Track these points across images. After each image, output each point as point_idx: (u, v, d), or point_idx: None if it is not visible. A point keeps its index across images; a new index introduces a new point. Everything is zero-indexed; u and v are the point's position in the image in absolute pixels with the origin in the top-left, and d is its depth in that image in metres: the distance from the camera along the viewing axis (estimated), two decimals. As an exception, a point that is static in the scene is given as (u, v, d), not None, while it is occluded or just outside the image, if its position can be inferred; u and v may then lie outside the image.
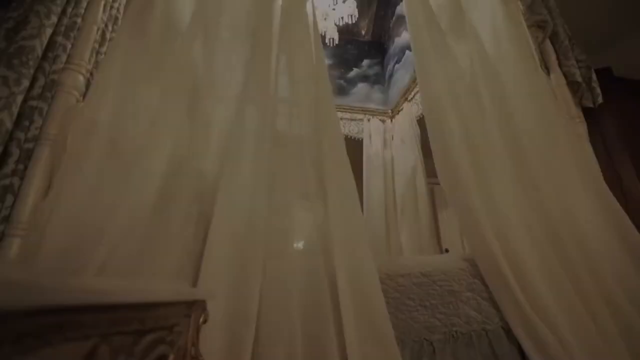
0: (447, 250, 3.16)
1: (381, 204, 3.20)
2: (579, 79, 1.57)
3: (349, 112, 3.67)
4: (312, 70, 1.33)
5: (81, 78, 1.19)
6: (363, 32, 4.21)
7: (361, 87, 3.82)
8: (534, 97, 1.52)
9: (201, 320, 0.68)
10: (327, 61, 3.96)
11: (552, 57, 1.67)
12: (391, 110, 3.58)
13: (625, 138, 2.39)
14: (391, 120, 3.56)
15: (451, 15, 1.69)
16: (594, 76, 1.60)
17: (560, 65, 1.65)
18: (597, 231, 1.23)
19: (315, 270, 0.98)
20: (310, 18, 1.45)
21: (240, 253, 0.96)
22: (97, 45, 1.46)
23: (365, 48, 4.04)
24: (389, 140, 3.49)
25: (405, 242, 3.04)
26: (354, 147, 3.69)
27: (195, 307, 0.66)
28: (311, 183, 1.13)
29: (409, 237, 2.99)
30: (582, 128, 1.53)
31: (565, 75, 1.62)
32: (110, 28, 1.55)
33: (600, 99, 1.56)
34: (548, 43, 1.69)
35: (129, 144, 1.12)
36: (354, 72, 3.89)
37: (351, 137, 3.62)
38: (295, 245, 1.03)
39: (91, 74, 1.33)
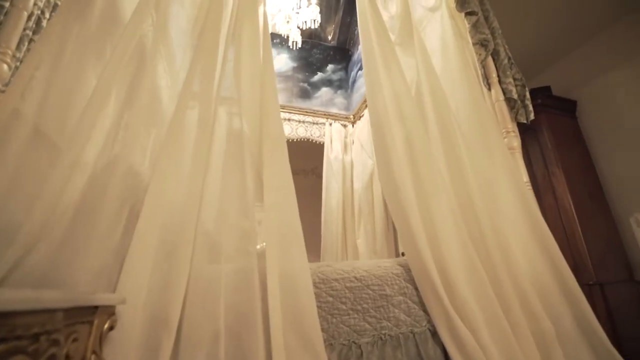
0: (403, 254, 3.26)
1: (339, 207, 3.25)
2: (515, 96, 1.69)
3: (312, 116, 3.70)
4: (259, 71, 1.32)
5: (5, 67, 1.11)
6: (329, 38, 4.25)
7: (325, 91, 3.86)
8: (475, 110, 1.61)
9: (106, 326, 0.65)
10: (292, 64, 3.99)
11: (493, 74, 1.78)
12: (353, 115, 3.65)
13: (559, 151, 2.59)
14: (352, 125, 3.62)
15: (401, 28, 1.76)
16: (527, 94, 1.72)
17: (499, 82, 1.75)
18: (521, 241, 1.32)
19: (246, 272, 0.98)
20: (261, 19, 1.45)
21: (167, 254, 0.93)
22: (30, 33, 1.37)
23: (331, 53, 4.09)
24: (349, 144, 3.55)
25: (361, 245, 3.10)
26: (316, 150, 3.73)
27: (99, 313, 0.64)
28: (249, 183, 1.13)
29: (365, 241, 3.06)
30: (516, 142, 1.63)
31: (503, 91, 1.72)
32: (47, 15, 1.46)
33: (532, 116, 1.68)
34: (490, 60, 1.80)
35: (56, 136, 1.06)
36: (319, 76, 3.92)
37: (313, 140, 3.65)
38: (226, 246, 1.02)
39: (21, 62, 1.25)
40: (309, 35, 4.00)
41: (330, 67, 4.02)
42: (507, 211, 1.37)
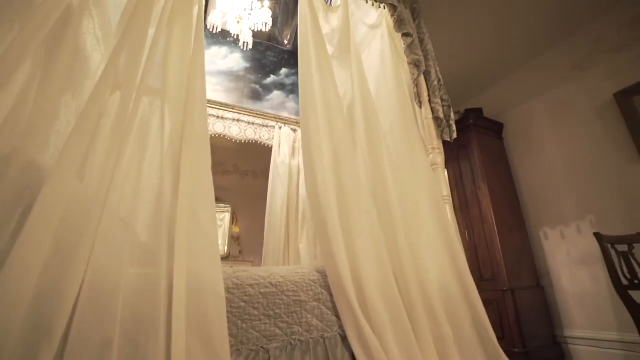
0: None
1: (284, 211, 3.25)
2: (442, 116, 1.81)
3: (262, 118, 3.68)
4: (188, 63, 1.28)
5: None
6: (285, 42, 4.26)
7: (277, 94, 3.85)
8: (404, 126, 1.70)
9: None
10: (245, 64, 3.93)
11: (425, 93, 1.90)
12: (302, 121, 3.67)
13: (485, 168, 2.82)
14: (302, 131, 3.65)
15: (340, 41, 1.82)
16: (452, 115, 1.86)
17: (429, 101, 1.88)
18: (433, 251, 1.42)
19: (153, 276, 0.94)
20: (196, 9, 1.41)
21: (63, 256, 0.87)
22: None
23: (285, 57, 4.10)
24: (297, 149, 3.57)
25: (303, 250, 3.13)
26: (268, 153, 3.71)
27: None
28: (166, 180, 1.09)
29: (307, 246, 3.09)
30: (439, 158, 1.76)
31: (432, 110, 1.85)
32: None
33: (455, 135, 1.82)
34: (423, 80, 1.92)
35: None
36: (272, 78, 3.91)
37: (261, 143, 3.63)
38: (133, 248, 0.98)
39: None
40: (268, 38, 3.99)
41: (284, 70, 4.03)
42: (424, 223, 1.46)
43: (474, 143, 2.89)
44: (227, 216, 5.24)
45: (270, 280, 1.17)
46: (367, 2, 1.98)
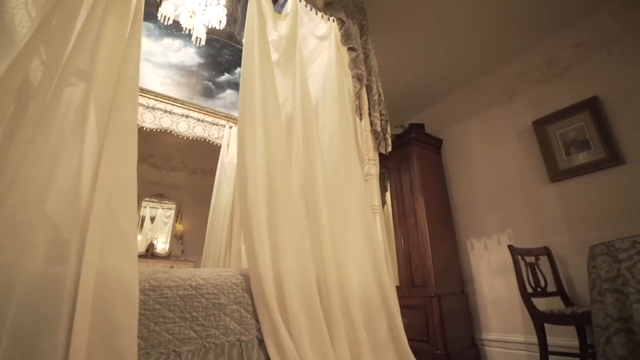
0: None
1: (227, 212, 3.19)
2: (379, 129, 1.92)
3: (212, 116, 3.61)
4: (122, 50, 1.23)
5: None
6: (244, 41, 4.21)
7: (230, 93, 3.80)
8: (343, 136, 1.76)
9: None
10: (198, 59, 3.83)
11: (365, 106, 1.99)
12: (254, 122, 3.65)
13: (423, 181, 3.00)
14: (252, 132, 3.62)
15: (286, 49, 1.85)
16: (389, 129, 1.97)
17: (369, 114, 1.97)
18: (358, 258, 1.49)
19: (55, 275, 0.90)
20: None
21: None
22: None
23: (241, 56, 4.06)
24: (247, 150, 3.54)
25: (244, 251, 3.09)
26: (214, 151, 3.63)
27: None
28: (85, 173, 1.03)
29: (249, 248, 3.06)
30: (374, 169, 1.85)
31: (371, 123, 1.95)
32: None
33: (389, 148, 1.93)
34: (364, 94, 2.01)
35: None
36: (226, 77, 3.85)
37: (210, 141, 3.56)
38: (37, 242, 0.92)
39: None
40: (228, 36, 3.91)
41: (239, 70, 3.98)
42: (351, 231, 1.53)
43: (414, 156, 3.07)
44: (172, 214, 5.04)
45: (190, 283, 1.16)
46: (316, 14, 2.04)
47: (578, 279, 2.26)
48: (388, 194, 3.35)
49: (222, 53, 3.97)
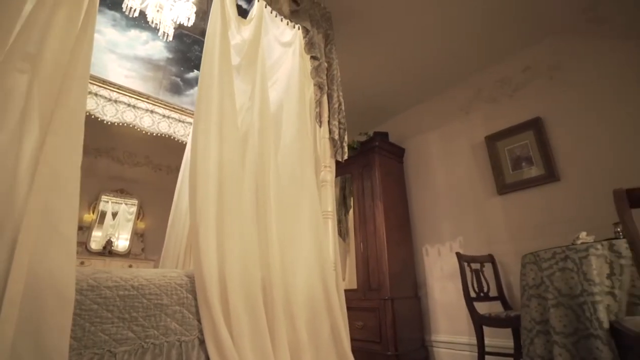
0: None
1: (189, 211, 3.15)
2: (337, 137, 1.99)
3: (178, 113, 3.55)
4: (73, 38, 1.21)
5: None
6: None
7: (198, 91, 3.75)
8: (300, 142, 1.81)
9: None
10: (167, 54, 3.76)
11: (325, 113, 2.06)
12: (221, 121, 3.63)
13: (383, 188, 3.11)
14: (219, 131, 3.60)
15: (247, 53, 1.88)
16: (346, 138, 2.04)
17: (329, 122, 2.04)
18: (307, 262, 1.55)
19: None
20: None
21: None
22: None
23: (212, 54, 4.02)
24: (213, 149, 3.51)
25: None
26: (180, 148, 3.57)
27: None
28: (22, 167, 1.01)
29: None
30: (329, 176, 1.92)
31: (329, 131, 2.01)
32: None
33: (345, 156, 2.00)
34: (325, 102, 2.08)
35: None
36: (195, 73, 3.79)
37: (175, 138, 3.50)
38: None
39: None
40: (201, 33, 3.85)
41: (209, 67, 3.94)
42: (301, 235, 1.58)
43: (377, 164, 3.18)
44: (135, 210, 4.88)
45: (132, 283, 1.16)
46: (282, 21, 2.09)
47: (516, 285, 2.44)
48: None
49: (193, 49, 3.91)
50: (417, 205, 3.33)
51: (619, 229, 1.72)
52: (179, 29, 3.39)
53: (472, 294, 2.32)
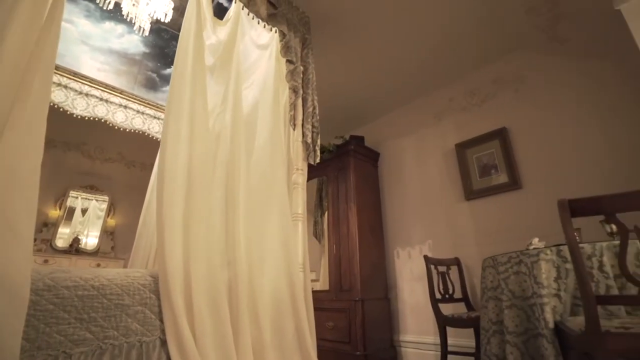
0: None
1: (161, 210, 3.10)
2: (310, 141, 2.02)
3: (154, 109, 3.49)
4: (38, 23, 1.17)
5: None
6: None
7: (175, 87, 3.69)
8: (272, 144, 1.83)
9: None
10: (143, 48, 3.68)
11: (300, 116, 2.08)
12: (197, 119, 3.59)
13: (358, 191, 3.17)
14: (195, 130, 3.56)
15: (222, 55, 1.88)
16: (319, 142, 2.07)
17: (302, 125, 2.07)
18: (274, 263, 1.57)
19: None
20: None
21: None
22: None
23: (191, 51, 3.96)
24: (188, 148, 3.47)
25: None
26: (156, 145, 3.50)
27: None
28: None
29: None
30: (301, 178, 1.94)
31: (303, 134, 2.04)
32: None
33: (318, 160, 2.03)
34: (300, 105, 2.10)
35: None
36: (172, 70, 3.74)
37: (150, 135, 3.44)
38: None
39: None
40: (179, 28, 3.79)
41: (186, 64, 3.89)
42: (269, 237, 1.60)
43: (352, 167, 3.23)
44: (105, 207, 4.73)
45: (92, 283, 1.15)
46: (259, 23, 2.10)
47: (479, 287, 2.55)
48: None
49: (171, 45, 3.84)
50: (390, 209, 3.41)
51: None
52: (157, 24, 3.33)
53: (438, 296, 2.41)
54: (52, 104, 2.90)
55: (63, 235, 4.31)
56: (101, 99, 3.31)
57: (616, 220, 1.07)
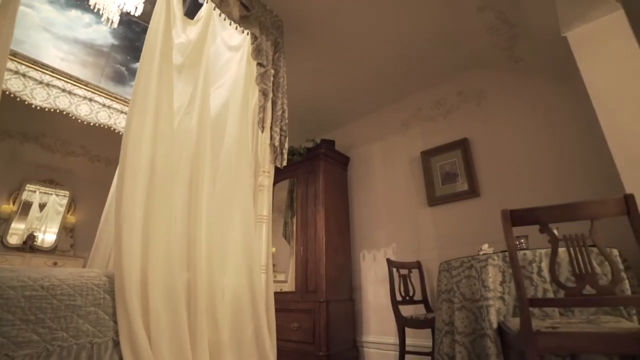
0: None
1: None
2: (277, 144, 2.04)
3: (121, 103, 3.39)
4: None
5: None
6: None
7: (144, 82, 3.60)
8: (239, 146, 1.84)
9: None
10: (112, 40, 3.57)
11: (269, 120, 2.10)
12: (167, 116, 3.52)
13: (327, 194, 3.22)
14: (164, 126, 3.48)
15: (192, 54, 1.87)
16: (286, 145, 2.10)
17: (271, 128, 2.09)
18: (236, 265, 1.58)
19: None
20: None
21: None
22: None
23: (163, 46, 3.87)
24: (156, 145, 3.39)
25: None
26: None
27: None
28: None
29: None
30: (267, 181, 1.96)
31: (271, 137, 2.06)
32: None
33: (285, 163, 2.06)
34: (269, 108, 2.12)
35: None
36: (140, 64, 3.64)
37: (115, 130, 3.34)
38: None
39: None
40: (142, 19, 3.69)
41: (158, 59, 3.80)
42: (232, 238, 1.62)
43: (321, 170, 3.28)
44: (66, 203, 4.51)
45: (41, 283, 1.12)
46: (230, 25, 2.10)
47: (438, 289, 2.67)
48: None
49: (142, 38, 3.70)
50: (358, 212, 3.49)
51: (518, 242, 1.97)
52: (128, 15, 3.24)
53: (399, 298, 2.50)
54: (7, 93, 2.75)
55: (17, 232, 4.08)
56: (64, 90, 3.18)
57: (548, 229, 1.18)
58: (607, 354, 1.32)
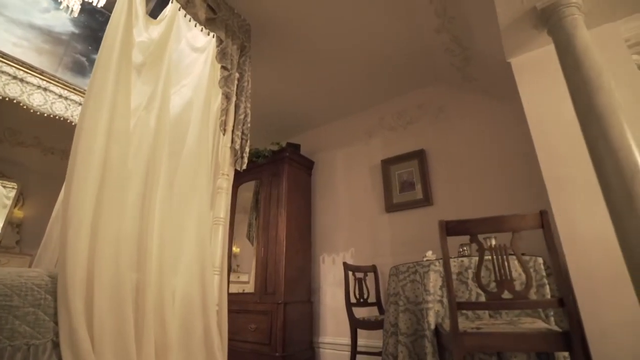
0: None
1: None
2: (237, 147, 2.07)
3: (80, 95, 3.25)
4: None
5: None
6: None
7: (106, 74, 3.48)
8: (198, 148, 1.85)
9: None
10: (72, 28, 3.43)
11: (231, 122, 2.12)
12: (129, 111, 3.42)
13: (289, 198, 3.27)
14: (125, 122, 3.38)
15: (153, 54, 1.86)
16: (247, 148, 2.13)
17: (232, 131, 2.11)
18: (189, 266, 1.59)
19: None
20: None
21: None
22: None
23: (128, 38, 3.76)
24: (116, 140, 3.29)
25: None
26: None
27: None
28: None
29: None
30: (226, 183, 1.98)
31: (232, 140, 2.08)
32: None
33: (244, 166, 2.08)
34: (232, 111, 2.14)
35: None
36: (102, 57, 3.51)
37: (73, 123, 3.19)
38: None
39: None
40: (106, 8, 3.57)
41: (122, 52, 3.68)
42: (186, 239, 1.63)
43: (285, 173, 3.33)
44: (13, 196, 4.24)
45: (-24, 283, 1.09)
46: (195, 26, 2.10)
47: (391, 292, 2.80)
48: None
49: (105, 29, 3.62)
50: (320, 216, 3.57)
51: (461, 249, 2.12)
52: (90, 4, 3.12)
53: (353, 300, 2.60)
54: (-51, 78, 2.57)
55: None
56: (15, 77, 3.02)
57: (476, 239, 1.30)
58: (524, 351, 1.47)
